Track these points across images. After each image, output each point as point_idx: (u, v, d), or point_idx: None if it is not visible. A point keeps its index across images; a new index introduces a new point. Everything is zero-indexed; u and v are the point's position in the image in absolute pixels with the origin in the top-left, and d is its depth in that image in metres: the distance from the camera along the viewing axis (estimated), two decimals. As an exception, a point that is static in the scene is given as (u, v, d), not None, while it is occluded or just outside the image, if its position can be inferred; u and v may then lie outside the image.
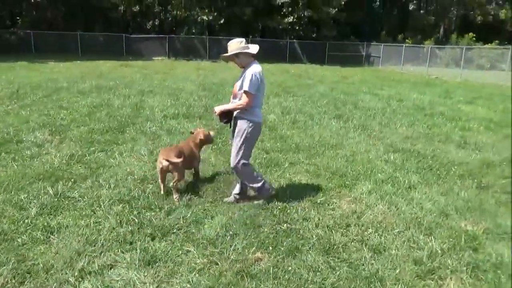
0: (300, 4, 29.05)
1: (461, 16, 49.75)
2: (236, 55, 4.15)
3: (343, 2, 30.47)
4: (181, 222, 3.89)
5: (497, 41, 38.09)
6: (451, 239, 3.72)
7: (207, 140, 5.20)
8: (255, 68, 4.10)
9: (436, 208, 4.42)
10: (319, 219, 4.06)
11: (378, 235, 3.79)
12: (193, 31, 30.45)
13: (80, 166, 5.48)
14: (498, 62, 28.53)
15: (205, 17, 28.62)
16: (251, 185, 4.41)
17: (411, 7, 52.37)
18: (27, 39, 27.13)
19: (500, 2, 49.68)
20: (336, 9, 29.85)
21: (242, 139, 4.18)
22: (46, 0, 28.12)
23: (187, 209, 4.17)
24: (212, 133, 5.48)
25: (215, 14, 29.34)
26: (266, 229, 3.78)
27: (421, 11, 53.97)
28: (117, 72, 18.25)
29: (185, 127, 7.96)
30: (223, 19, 29.39)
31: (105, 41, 29.06)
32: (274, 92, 13.35)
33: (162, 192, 4.53)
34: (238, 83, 4.20)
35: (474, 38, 40.06)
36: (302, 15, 29.18)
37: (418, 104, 12.26)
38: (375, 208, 4.39)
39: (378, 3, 50.40)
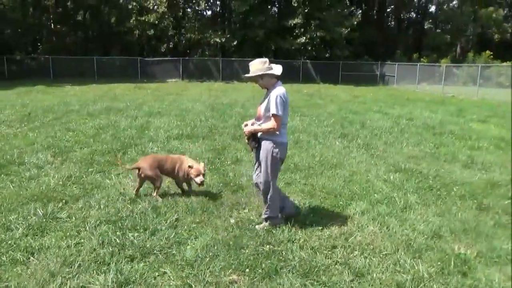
0: (312, 25, 29.30)
1: (477, 34, 49.27)
2: (261, 76, 4.08)
3: (355, 22, 30.63)
4: (163, 243, 3.84)
5: (516, 59, 37.47)
6: (439, 263, 3.56)
7: (189, 175, 5.07)
8: (279, 90, 4.03)
9: (430, 230, 4.26)
10: (305, 240, 3.96)
11: (363, 257, 3.66)
12: (207, 53, 30.99)
13: (75, 187, 5.52)
14: (517, 80, 27.91)
15: (218, 39, 29.14)
16: (269, 205, 4.24)
17: (426, 26, 52.28)
18: (46, 64, 28.05)
19: (518, 19, 49.15)
20: (349, 29, 29.95)
21: (268, 161, 4.12)
22: (65, 27, 29.14)
23: (172, 230, 4.13)
24: (198, 178, 4.97)
25: (228, 36, 29.83)
26: (247, 251, 3.69)
27: (437, 30, 53.74)
28: (130, 95, 18.59)
29: (186, 147, 7.99)
30: (236, 41, 29.86)
31: (120, 65, 29.84)
32: (282, 112, 13.31)
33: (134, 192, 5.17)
34: (263, 106, 4.11)
35: (491, 56, 39.53)
36: (315, 35, 29.40)
37: (428, 123, 12.04)
38: (365, 229, 4.26)
39: (393, 22, 50.53)
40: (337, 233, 4.14)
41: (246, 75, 4.15)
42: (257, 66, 4.08)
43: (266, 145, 4.12)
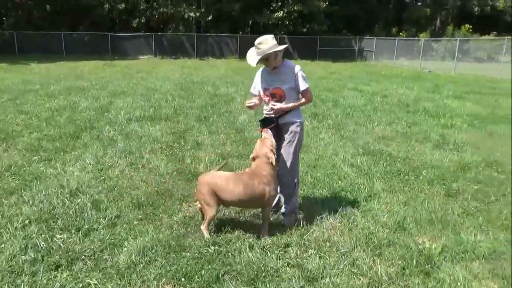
0: (290, -2, 28.48)
1: (457, 7, 49.07)
2: (280, 51, 3.67)
3: (334, -4, 29.90)
4: (96, 246, 3.41)
5: (495, 32, 37.56)
6: (400, 262, 3.24)
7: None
8: (296, 65, 3.80)
9: (393, 221, 3.93)
10: (257, 238, 3.58)
11: (318, 257, 3.31)
12: (180, 28, 29.89)
13: (13, 179, 5.00)
14: (496, 54, 27.81)
15: (192, 14, 28.03)
16: (295, 194, 3.96)
17: (407, -1, 51.67)
18: (10, 40, 26.56)
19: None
20: (327, 3, 29.20)
21: (295, 144, 3.84)
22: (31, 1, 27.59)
23: (109, 229, 3.69)
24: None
25: (203, 10, 28.72)
26: (189, 254, 3.29)
27: (418, 3, 53.24)
28: (98, 72, 17.76)
29: (146, 130, 7.47)
30: (211, 16, 28.80)
31: (90, 41, 28.45)
32: (254, 90, 12.83)
33: None
34: (285, 85, 3.73)
35: (470, 30, 39.49)
36: (292, 9, 28.57)
37: (402, 100, 11.77)
38: (324, 223, 3.90)
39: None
40: (293, 228, 3.77)
41: (270, 50, 3.57)
42: (272, 42, 3.61)
43: (293, 128, 3.82)
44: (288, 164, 3.83)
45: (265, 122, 3.83)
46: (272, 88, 3.77)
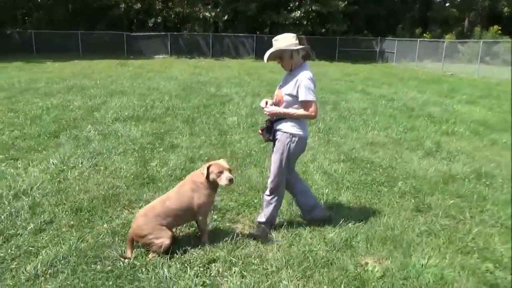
0: (307, -3, 27.99)
1: (487, 8, 47.24)
2: (297, 51, 3.45)
3: (353, -5, 29.18)
4: (10, 253, 3.21)
5: (525, 35, 35.97)
6: (327, 287, 2.89)
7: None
8: (309, 72, 3.45)
9: (341, 238, 3.57)
10: (184, 251, 3.29)
11: (241, 276, 2.99)
12: (196, 28, 29.89)
13: (-34, 178, 4.90)
14: (527, 57, 26.49)
15: (208, 14, 27.95)
16: (275, 206, 3.73)
17: (433, -1, 50.24)
18: (29, 40, 27.15)
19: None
20: (346, 2, 28.54)
21: (282, 156, 3.55)
22: (50, 0, 28.10)
23: (33, 235, 3.50)
24: (224, 177, 3.37)
25: (219, 10, 28.61)
26: (100, 266, 3.05)
27: (446, 4, 51.69)
28: (109, 71, 17.86)
29: (127, 130, 7.32)
30: (226, 15, 28.65)
31: (106, 40, 28.75)
32: (255, 92, 12.56)
33: None
34: (286, 89, 3.49)
35: (499, 32, 37.94)
36: (310, 9, 28.06)
37: (409, 104, 11.22)
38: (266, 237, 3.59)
39: (397, -4, 48.51)
40: (227, 241, 3.46)
41: (283, 47, 3.41)
42: (290, 40, 3.44)
43: (283, 138, 3.54)
44: (272, 171, 3.64)
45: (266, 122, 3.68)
46: (277, 89, 3.59)
